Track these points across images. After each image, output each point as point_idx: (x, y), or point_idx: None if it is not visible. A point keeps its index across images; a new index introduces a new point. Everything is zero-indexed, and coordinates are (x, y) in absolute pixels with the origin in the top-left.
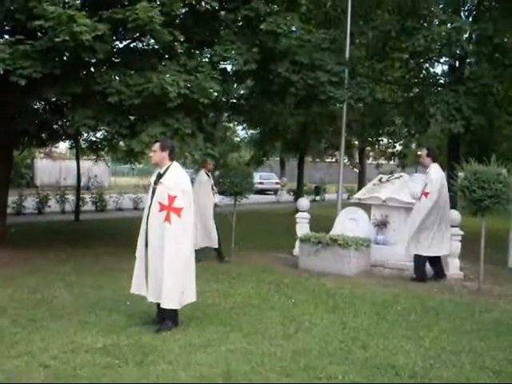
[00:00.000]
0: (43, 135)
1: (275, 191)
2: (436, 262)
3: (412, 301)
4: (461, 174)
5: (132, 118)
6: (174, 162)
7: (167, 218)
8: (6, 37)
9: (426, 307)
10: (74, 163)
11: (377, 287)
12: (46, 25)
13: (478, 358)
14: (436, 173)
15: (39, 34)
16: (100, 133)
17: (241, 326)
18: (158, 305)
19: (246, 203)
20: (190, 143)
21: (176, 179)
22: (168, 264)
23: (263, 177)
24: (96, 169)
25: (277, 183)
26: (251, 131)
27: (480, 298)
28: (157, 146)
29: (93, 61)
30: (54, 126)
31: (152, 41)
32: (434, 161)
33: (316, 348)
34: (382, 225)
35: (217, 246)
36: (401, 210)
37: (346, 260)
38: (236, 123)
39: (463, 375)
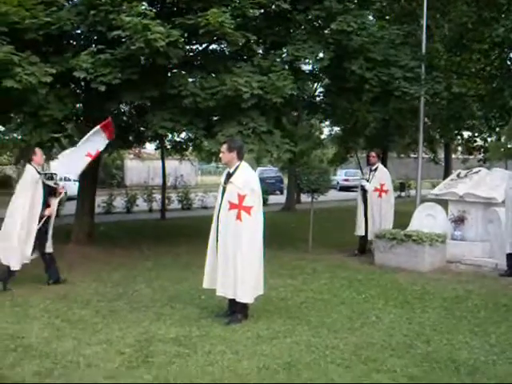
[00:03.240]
0: (130, 137)
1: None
2: None
3: (484, 297)
4: None
5: (208, 119)
6: (243, 162)
7: (238, 217)
8: (91, 48)
9: (497, 304)
10: (161, 163)
11: (450, 283)
12: (124, 34)
13: None
14: None
15: (118, 43)
16: (184, 133)
17: (308, 319)
18: (229, 298)
19: (331, 200)
20: (267, 141)
21: (245, 178)
22: (242, 260)
23: (349, 174)
24: (183, 168)
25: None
26: (335, 128)
27: None
28: (224, 147)
29: (169, 65)
30: (141, 128)
31: (225, 44)
32: None
33: (379, 342)
34: (459, 220)
35: None
36: (478, 206)
37: (421, 256)
38: (319, 121)
39: None
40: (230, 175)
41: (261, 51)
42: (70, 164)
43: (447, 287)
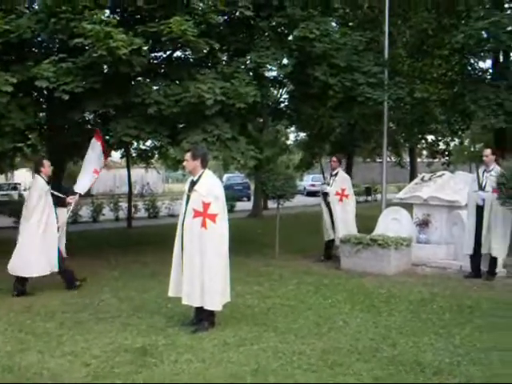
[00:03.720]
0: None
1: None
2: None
3: (449, 299)
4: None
5: (173, 126)
6: (207, 170)
7: (203, 225)
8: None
9: (462, 306)
10: (127, 171)
11: (415, 286)
12: (86, 42)
13: (508, 356)
14: None
15: (80, 51)
16: (150, 141)
17: (275, 325)
18: (196, 306)
19: (297, 205)
20: (232, 148)
21: (209, 186)
22: (208, 268)
23: (315, 179)
24: (149, 176)
25: None
26: (302, 134)
27: None
28: (188, 155)
29: (133, 73)
30: (106, 137)
31: (189, 51)
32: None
33: (346, 346)
34: (423, 224)
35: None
36: (442, 209)
37: (386, 260)
38: (284, 127)
39: (490, 372)
40: (194, 183)
41: (225, 58)
42: (80, 181)
43: (413, 290)
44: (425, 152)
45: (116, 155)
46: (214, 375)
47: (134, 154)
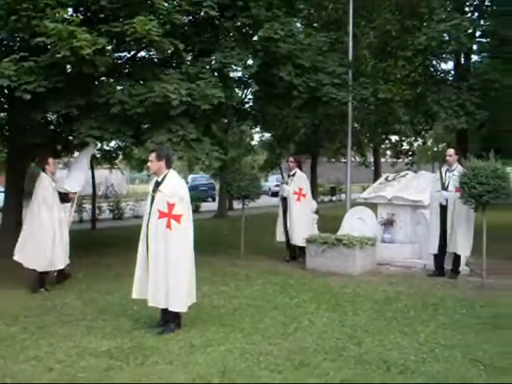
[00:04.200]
0: (58, 146)
1: None
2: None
3: (413, 298)
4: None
5: (137, 127)
6: (171, 170)
7: (168, 225)
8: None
9: (426, 303)
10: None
11: (380, 285)
12: (48, 41)
13: (471, 352)
14: None
15: (41, 50)
16: (114, 142)
17: (242, 326)
18: (162, 308)
19: (262, 205)
20: (197, 148)
21: (173, 187)
22: (173, 269)
23: (279, 179)
24: (113, 177)
25: None
26: (266, 135)
27: (482, 293)
28: (153, 155)
29: (96, 73)
30: (69, 137)
31: (153, 51)
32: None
33: (312, 346)
34: (388, 223)
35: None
36: (407, 208)
37: (351, 259)
38: (249, 128)
39: (454, 369)
40: (158, 184)
41: (189, 58)
42: (75, 178)
43: (378, 289)
44: (388, 152)
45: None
46: (181, 377)
47: (98, 155)
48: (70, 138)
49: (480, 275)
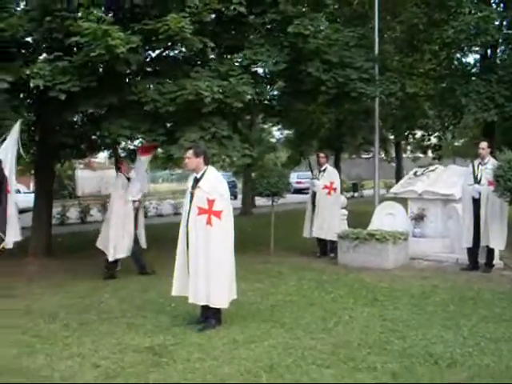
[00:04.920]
0: (82, 146)
1: None
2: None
3: (450, 292)
4: (496, 163)
5: (169, 125)
6: (210, 167)
7: (209, 222)
8: (45, 55)
9: (464, 297)
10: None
11: (415, 280)
12: (82, 40)
13: None
14: None
15: (75, 49)
16: (138, 141)
17: (282, 322)
18: (202, 305)
19: (286, 203)
20: (228, 146)
21: (213, 183)
22: (215, 265)
23: (301, 176)
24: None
25: None
26: (286, 132)
27: None
28: (190, 152)
29: (127, 72)
30: (93, 137)
31: (182, 49)
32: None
33: (355, 340)
34: (419, 218)
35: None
36: (437, 203)
37: (385, 254)
38: (271, 124)
39: (502, 362)
40: (197, 180)
41: (214, 56)
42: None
43: (413, 283)
44: (409, 147)
45: (102, 156)
46: (229, 373)
47: (122, 154)
48: (94, 137)
49: None
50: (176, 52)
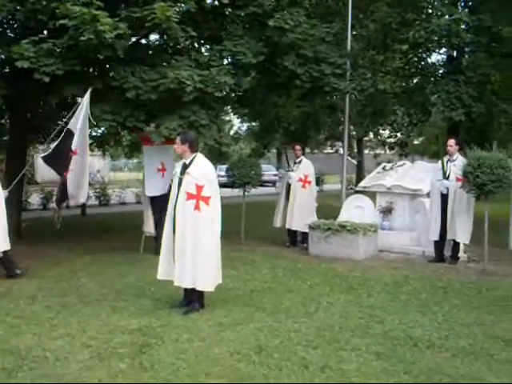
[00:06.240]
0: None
1: (273, 183)
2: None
3: (421, 281)
4: (464, 160)
5: (148, 112)
6: (199, 154)
7: (197, 207)
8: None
9: (435, 287)
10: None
11: (386, 270)
12: (70, 24)
13: (488, 330)
14: None
15: (59, 32)
16: (103, 127)
17: (264, 306)
18: (185, 288)
19: (248, 195)
20: (206, 134)
21: (202, 169)
22: (202, 250)
23: (263, 169)
24: (95, 164)
25: (275, 175)
26: (249, 123)
27: (485, 278)
28: (178, 139)
29: (110, 57)
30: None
31: (160, 37)
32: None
33: (337, 324)
34: (387, 211)
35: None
36: (405, 197)
37: (355, 245)
38: (235, 115)
39: (477, 345)
40: (186, 166)
41: (195, 45)
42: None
43: (384, 273)
44: (369, 144)
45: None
46: (219, 353)
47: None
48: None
49: (477, 262)
50: (154, 39)
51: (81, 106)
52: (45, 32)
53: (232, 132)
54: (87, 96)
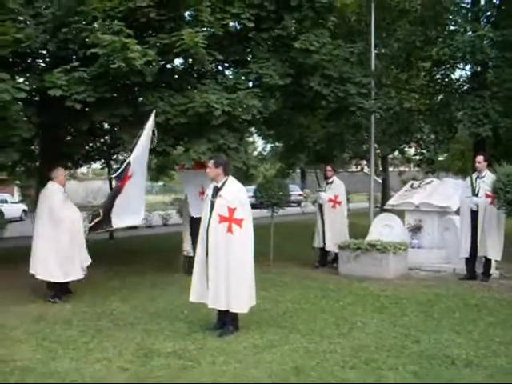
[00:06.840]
0: (76, 157)
1: (299, 203)
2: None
3: (454, 299)
4: (493, 176)
5: (177, 136)
6: (230, 177)
7: (229, 229)
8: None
9: (468, 305)
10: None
11: (418, 288)
12: (101, 52)
13: None
14: None
15: (89, 60)
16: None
17: (297, 327)
18: (219, 311)
19: (278, 215)
20: (234, 157)
21: (234, 192)
22: (235, 272)
23: (295, 188)
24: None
25: (300, 195)
26: (273, 144)
27: None
28: (211, 163)
29: (139, 83)
30: (86, 147)
31: (185, 61)
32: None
33: (372, 344)
34: (416, 229)
35: None
36: (433, 214)
37: (385, 264)
38: (259, 136)
39: None
40: (217, 189)
41: (220, 68)
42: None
43: (416, 292)
44: (393, 161)
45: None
46: (257, 375)
47: (115, 166)
48: (87, 148)
49: (510, 278)
50: (179, 63)
51: (146, 131)
52: (75, 60)
53: (256, 153)
54: (152, 118)
